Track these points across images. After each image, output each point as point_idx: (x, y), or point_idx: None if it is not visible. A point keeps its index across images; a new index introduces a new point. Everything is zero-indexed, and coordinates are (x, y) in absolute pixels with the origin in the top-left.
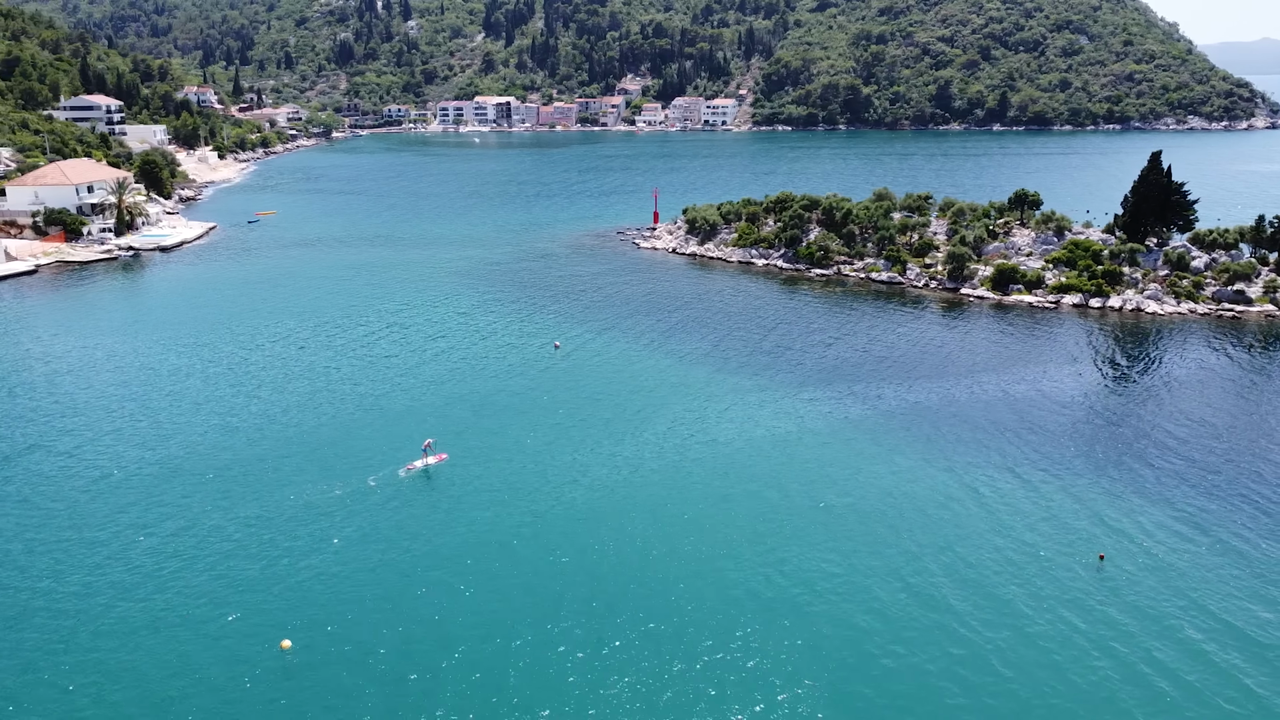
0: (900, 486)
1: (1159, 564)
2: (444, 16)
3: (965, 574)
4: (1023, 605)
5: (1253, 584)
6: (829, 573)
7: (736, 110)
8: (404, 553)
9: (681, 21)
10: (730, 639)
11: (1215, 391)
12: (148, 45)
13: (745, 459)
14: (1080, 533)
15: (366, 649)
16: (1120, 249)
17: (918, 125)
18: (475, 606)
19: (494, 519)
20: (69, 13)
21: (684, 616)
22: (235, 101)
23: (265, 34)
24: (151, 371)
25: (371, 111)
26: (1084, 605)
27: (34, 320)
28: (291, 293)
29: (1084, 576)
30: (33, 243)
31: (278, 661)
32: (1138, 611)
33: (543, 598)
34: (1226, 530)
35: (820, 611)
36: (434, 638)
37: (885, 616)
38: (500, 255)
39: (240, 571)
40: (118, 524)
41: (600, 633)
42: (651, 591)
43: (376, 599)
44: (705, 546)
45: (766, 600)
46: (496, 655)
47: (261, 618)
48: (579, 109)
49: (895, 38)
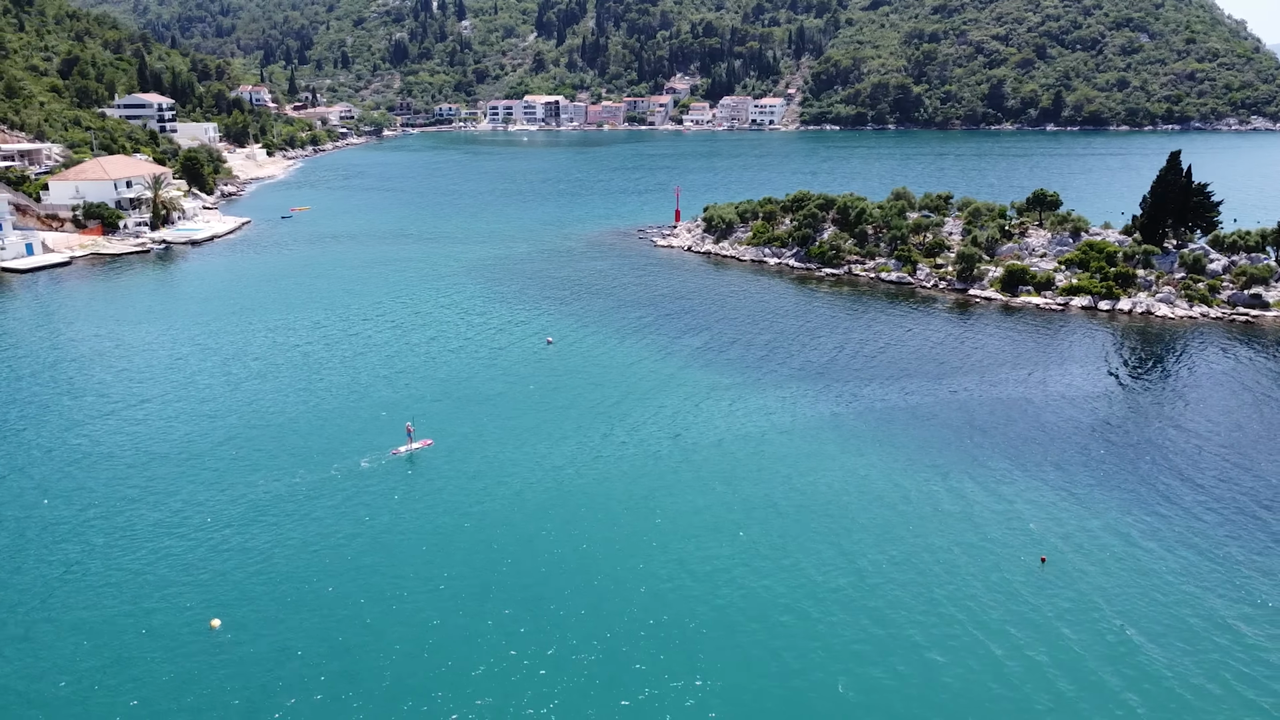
0: (859, 484)
1: (1101, 569)
2: (497, 16)
3: (900, 571)
4: (949, 601)
5: (1191, 591)
6: (759, 568)
7: (784, 110)
8: (358, 534)
9: (732, 20)
10: (648, 628)
11: (1202, 395)
12: (212, 45)
13: (707, 453)
14: (1030, 535)
15: (296, 628)
16: (1134, 250)
17: (969, 125)
18: (410, 592)
19: (458, 504)
20: (139, 14)
21: (600, 601)
22: (290, 100)
23: (324, 34)
24: (150, 358)
25: (423, 110)
26: (1010, 605)
27: (56, 309)
28: (307, 285)
29: (1021, 578)
30: (70, 235)
31: (206, 640)
32: (1063, 612)
33: (473, 584)
34: (1182, 538)
35: (735, 605)
36: (368, 617)
37: (808, 610)
38: (517, 251)
39: (175, 550)
40: (89, 500)
41: (536, 615)
42: (573, 580)
43: (314, 579)
44: (644, 538)
45: (689, 594)
46: (428, 634)
47: (195, 596)
48: (627, 108)
49: (948, 36)
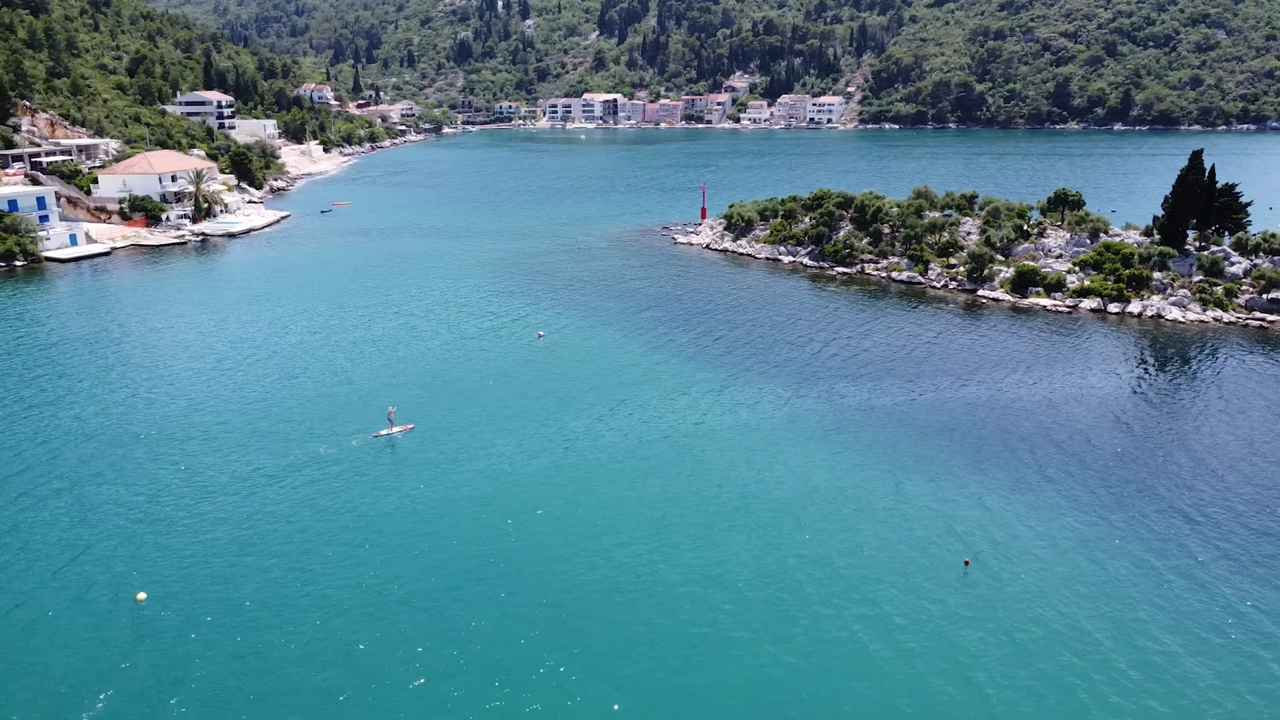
0: (806, 480)
1: (1026, 572)
2: (560, 15)
3: (815, 568)
4: (858, 599)
5: (1111, 607)
6: (684, 562)
7: (843, 108)
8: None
9: (794, 18)
10: (546, 609)
11: (1180, 400)
12: (286, 44)
13: (658, 447)
14: (961, 537)
15: (233, 605)
16: (1149, 252)
17: (1033, 124)
18: (322, 565)
19: (424, 489)
20: (219, 14)
21: (504, 581)
22: (354, 98)
23: (392, 33)
24: (153, 343)
25: (484, 108)
26: (916, 603)
27: (86, 295)
28: (325, 277)
29: (941, 579)
30: (113, 226)
31: (133, 613)
32: (976, 614)
33: (412, 570)
34: (1120, 547)
35: (632, 591)
36: (297, 593)
37: (706, 597)
38: (538, 247)
39: (108, 523)
40: (74, 477)
41: (473, 600)
42: (485, 561)
43: (263, 554)
44: (568, 525)
45: (630, 579)
46: (321, 606)
47: (119, 570)
48: (684, 106)
49: (1014, 33)
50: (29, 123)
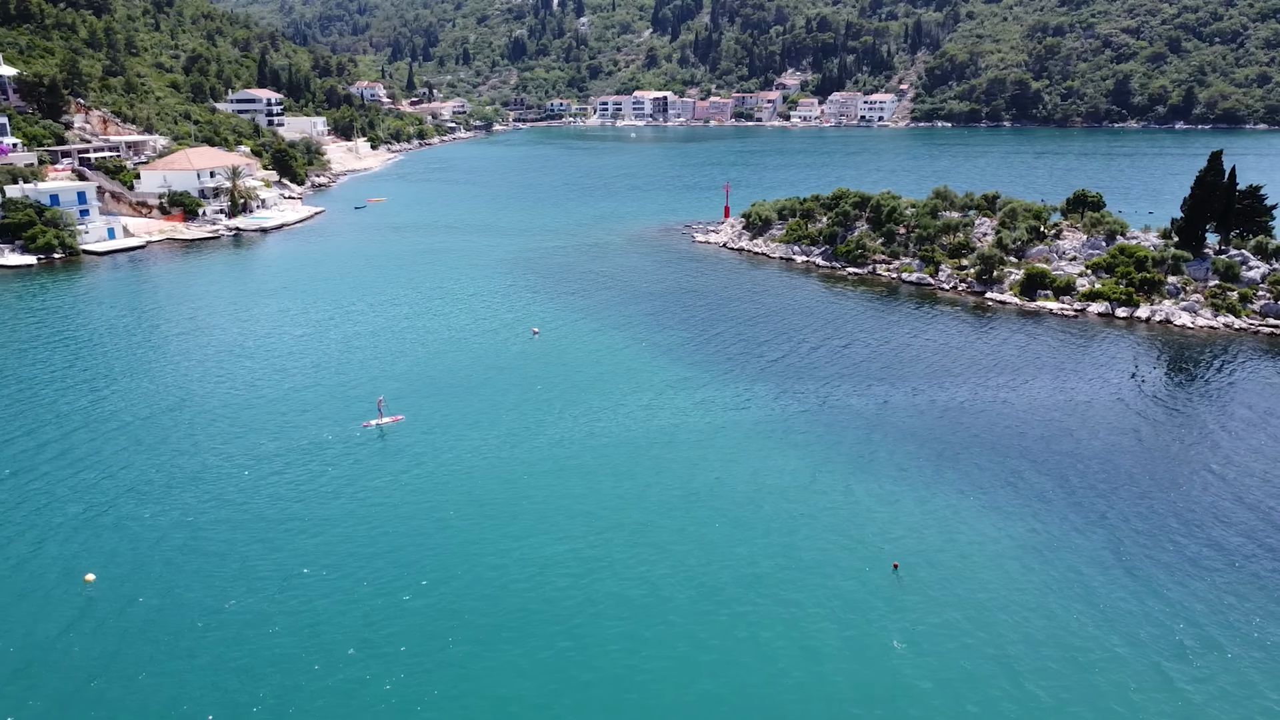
0: (763, 482)
1: (952, 577)
2: (615, 13)
3: (751, 568)
4: (778, 601)
5: (1029, 615)
6: (612, 557)
7: (895, 106)
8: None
9: (849, 15)
10: (484, 600)
11: (1160, 410)
12: (347, 43)
13: (628, 447)
14: (901, 541)
15: (173, 585)
16: (1162, 255)
17: (1090, 123)
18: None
19: (399, 477)
20: (285, 13)
21: (443, 564)
22: (407, 95)
23: (449, 31)
24: (162, 332)
25: (536, 106)
26: (844, 609)
27: (111, 288)
28: (341, 272)
29: (868, 582)
30: (150, 220)
31: (80, 592)
32: (895, 615)
33: (352, 554)
34: (1057, 555)
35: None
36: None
37: (638, 599)
38: (558, 245)
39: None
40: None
41: (392, 585)
42: (420, 544)
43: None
44: (516, 522)
45: (518, 577)
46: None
47: (71, 551)
48: (734, 104)
49: (1074, 29)
50: (83, 119)
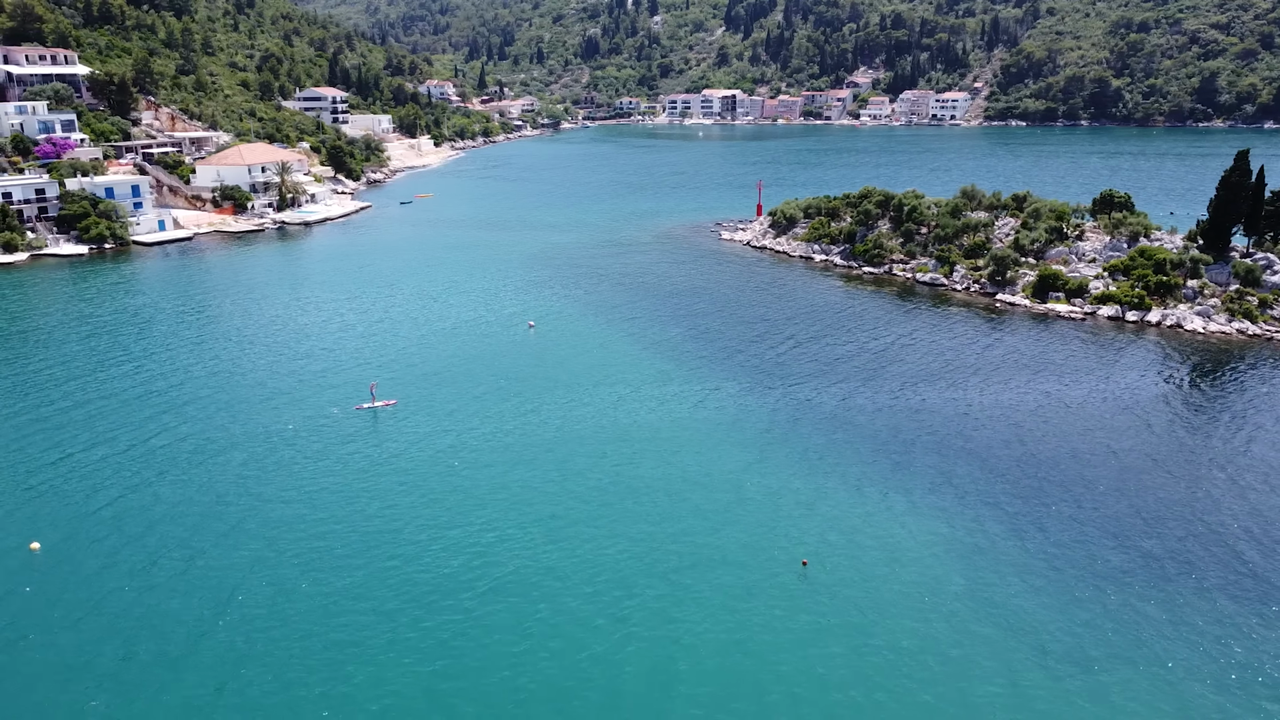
0: (696, 474)
1: (863, 577)
2: (688, 11)
3: (661, 562)
4: (683, 596)
5: (925, 617)
6: (516, 547)
7: (968, 104)
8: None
9: (925, 11)
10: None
11: (1131, 417)
12: (427, 42)
13: (578, 442)
14: (821, 538)
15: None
16: (1181, 258)
17: (1173, 122)
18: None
19: (378, 459)
20: (370, 13)
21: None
22: (477, 94)
23: (525, 30)
24: (180, 320)
25: (605, 104)
26: (742, 604)
27: (155, 274)
28: (366, 265)
29: (777, 578)
30: (200, 213)
31: (24, 560)
32: (785, 613)
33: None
34: (980, 560)
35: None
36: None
37: (546, 590)
38: (585, 240)
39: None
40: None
41: (312, 561)
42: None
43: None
44: (449, 503)
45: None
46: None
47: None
48: (803, 102)
49: (1160, 25)
50: (152, 116)
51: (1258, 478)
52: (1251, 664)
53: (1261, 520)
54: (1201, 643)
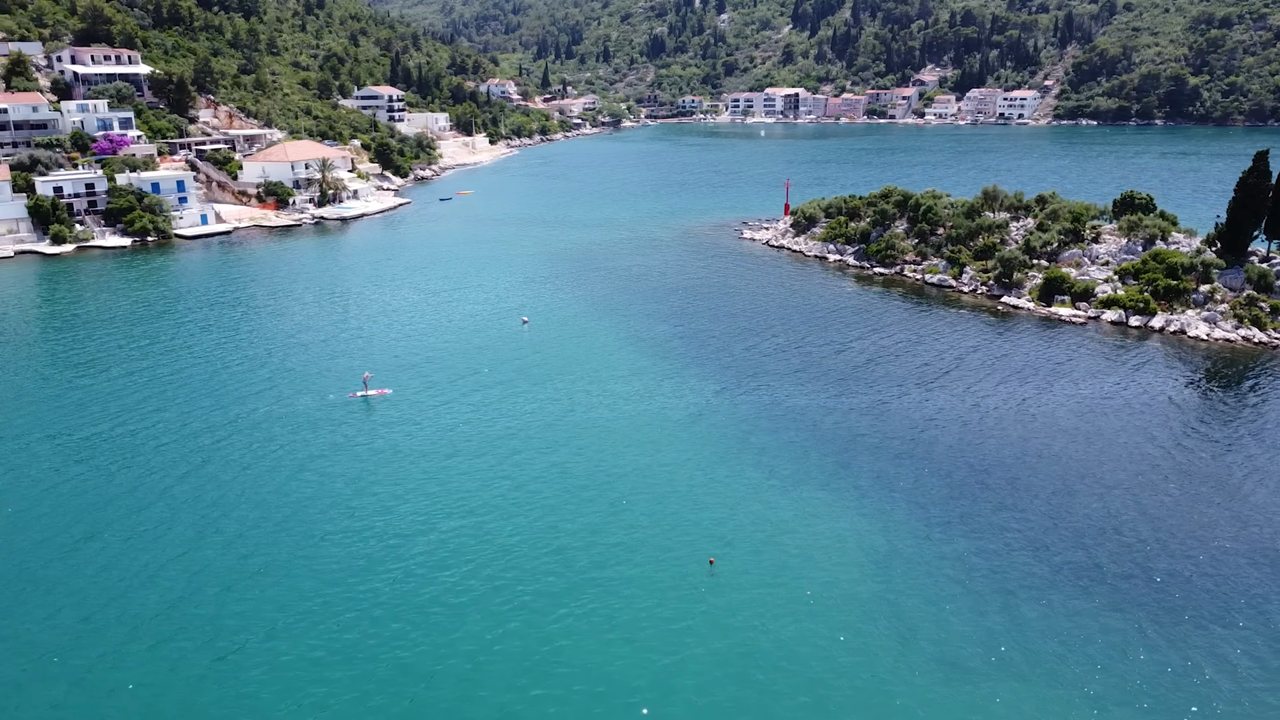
0: (639, 473)
1: (767, 578)
2: (755, 9)
3: (574, 558)
4: (595, 591)
5: (823, 624)
6: (431, 537)
7: (1037, 103)
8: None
9: (996, 8)
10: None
11: (1093, 423)
12: (498, 41)
13: (538, 437)
14: (734, 539)
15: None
16: (1192, 262)
17: (1253, 121)
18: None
19: (364, 446)
20: (445, 13)
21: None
22: (540, 92)
23: (593, 29)
24: (199, 310)
25: (669, 102)
26: (641, 600)
27: (190, 265)
28: (387, 260)
29: (687, 576)
30: (243, 208)
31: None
32: (686, 610)
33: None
34: (905, 565)
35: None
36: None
37: (445, 581)
38: (608, 238)
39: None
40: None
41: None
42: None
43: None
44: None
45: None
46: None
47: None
48: (868, 101)
49: (1244, 20)
50: (211, 114)
51: (1212, 488)
52: (1140, 684)
53: (1198, 532)
54: (1099, 658)
